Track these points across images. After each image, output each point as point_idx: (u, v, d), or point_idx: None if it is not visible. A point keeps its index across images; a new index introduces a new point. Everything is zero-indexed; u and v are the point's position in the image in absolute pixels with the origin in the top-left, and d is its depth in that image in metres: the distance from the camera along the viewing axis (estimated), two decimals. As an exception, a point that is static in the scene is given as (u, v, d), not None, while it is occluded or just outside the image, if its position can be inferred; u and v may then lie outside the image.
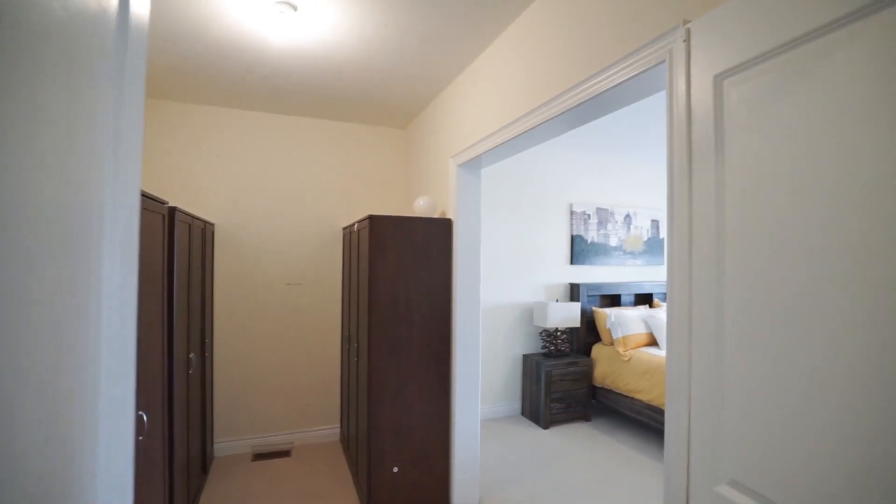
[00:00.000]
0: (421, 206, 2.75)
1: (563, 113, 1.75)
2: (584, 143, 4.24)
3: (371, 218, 2.51)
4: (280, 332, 3.49)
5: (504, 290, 4.25)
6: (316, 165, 3.61)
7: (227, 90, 3.00)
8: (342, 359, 3.57)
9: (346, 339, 3.29)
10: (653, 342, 4.12)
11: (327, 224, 3.64)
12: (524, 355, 4.26)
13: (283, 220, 3.51)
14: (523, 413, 4.26)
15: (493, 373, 4.21)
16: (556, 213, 4.47)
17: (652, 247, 4.95)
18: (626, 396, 3.85)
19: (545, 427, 3.94)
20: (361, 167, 3.76)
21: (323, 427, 3.62)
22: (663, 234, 5.06)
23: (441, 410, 2.67)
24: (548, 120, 1.85)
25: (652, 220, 4.95)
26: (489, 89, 2.32)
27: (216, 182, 3.32)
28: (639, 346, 4.05)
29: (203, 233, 2.81)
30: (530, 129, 1.98)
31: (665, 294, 4.90)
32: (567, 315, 4.08)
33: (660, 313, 4.14)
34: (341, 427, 3.57)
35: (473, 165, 2.64)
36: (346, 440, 3.28)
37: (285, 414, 3.50)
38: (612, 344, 4.15)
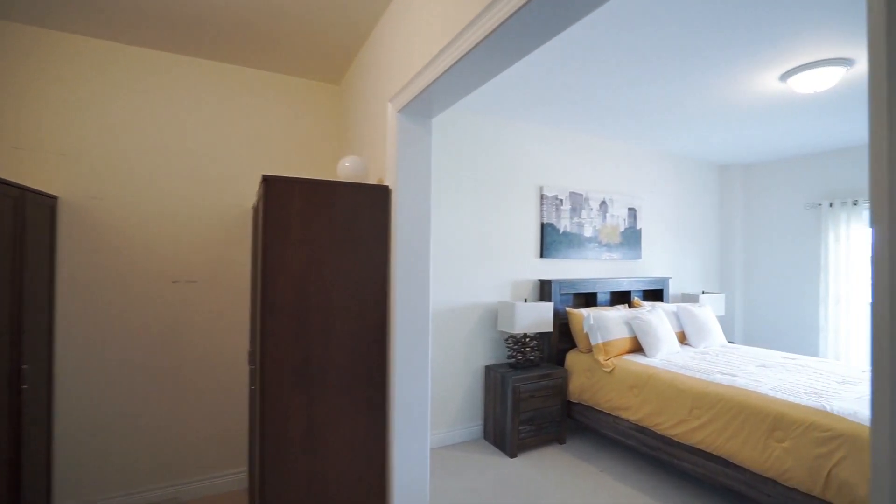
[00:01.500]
0: (347, 169, 1.95)
1: (518, 11, 1.10)
2: (557, 117, 3.58)
3: (266, 181, 1.69)
4: (163, 348, 2.58)
5: (463, 288, 3.51)
6: (223, 125, 2.73)
7: (98, 13, 2.09)
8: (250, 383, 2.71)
9: (251, 358, 2.44)
10: (637, 348, 3.50)
11: (234, 202, 2.76)
12: (487, 367, 3.53)
13: (170, 196, 2.60)
14: (486, 436, 3.54)
15: (449, 390, 3.46)
16: (524, 198, 3.79)
17: (629, 239, 4.38)
18: (609, 415, 3.20)
19: (512, 455, 3.23)
20: (285, 129, 2.91)
21: (226, 473, 2.74)
22: (641, 224, 4.50)
23: (373, 453, 1.89)
24: (501, 24, 1.18)
25: (629, 209, 4.37)
26: (427, 3, 1.57)
27: (67, 138, 2.37)
28: (622, 354, 3.42)
29: (31, 208, 1.89)
30: (484, 40, 1.28)
31: (644, 293, 4.33)
32: (537, 317, 3.39)
33: (645, 314, 3.53)
34: (249, 472, 2.71)
35: (420, 111, 1.87)
36: (252, 491, 2.43)
37: (169, 461, 2.58)
38: (590, 351, 3.51)
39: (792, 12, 2.11)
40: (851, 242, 4.27)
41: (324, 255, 1.77)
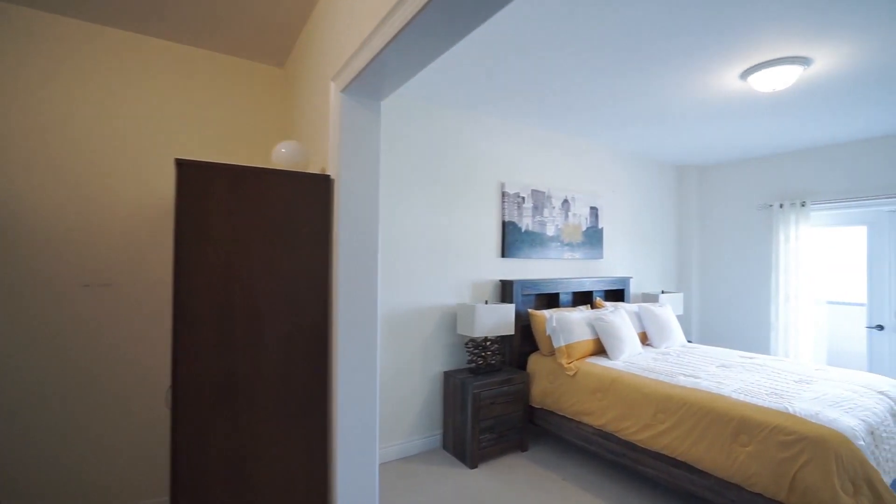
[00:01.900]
0: (283, 156, 1.71)
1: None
2: (518, 111, 3.45)
3: (180, 166, 1.43)
4: (77, 360, 2.23)
5: (420, 290, 3.31)
6: (144, 108, 2.40)
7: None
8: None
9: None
10: (600, 351, 3.42)
11: (159, 192, 2.44)
12: (446, 373, 3.35)
13: (80, 185, 2.25)
14: (445, 446, 3.35)
15: (406, 398, 3.25)
16: (485, 195, 3.63)
17: (591, 238, 4.31)
18: (572, 420, 3.09)
19: (472, 465, 3.05)
20: (221, 114, 2.61)
21: (154, 501, 2.41)
22: (602, 223, 4.45)
23: (313, 480, 1.65)
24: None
25: (591, 208, 4.31)
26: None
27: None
28: (585, 356, 3.32)
29: None
30: (430, 3, 1.08)
31: (605, 293, 4.28)
32: (499, 320, 3.24)
33: (608, 316, 3.45)
34: None
35: (367, 91, 1.66)
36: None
37: (85, 489, 2.23)
38: (552, 354, 3.39)
39: (751, 6, 2.06)
40: (800, 242, 4.38)
41: (253, 255, 1.52)
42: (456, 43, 1.31)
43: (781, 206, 4.52)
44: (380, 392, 3.12)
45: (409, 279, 3.24)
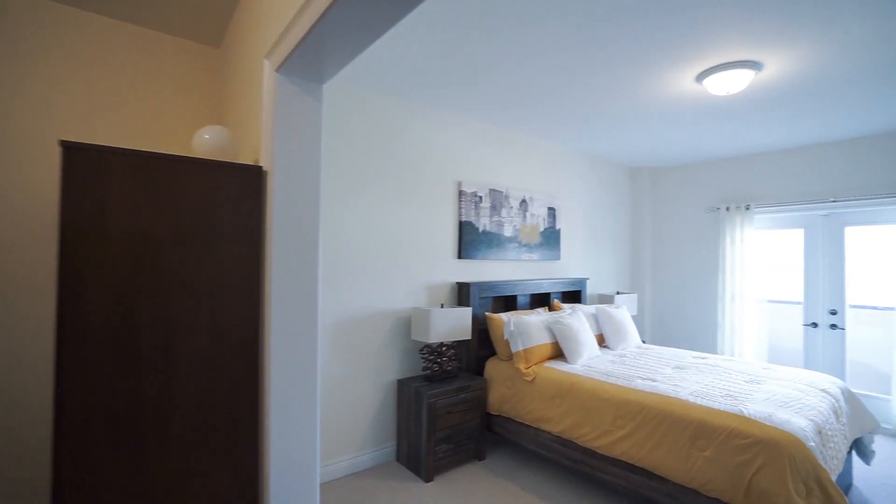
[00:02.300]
0: (207, 143, 1.48)
1: None
2: (476, 106, 3.33)
3: (67, 150, 1.17)
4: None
5: (372, 294, 3.11)
6: (50, 86, 2.07)
7: None
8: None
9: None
10: (558, 354, 3.35)
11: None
12: (399, 381, 3.17)
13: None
14: (399, 458, 3.17)
15: (357, 409, 3.04)
16: (441, 194, 3.48)
17: (548, 239, 4.26)
18: (531, 427, 2.99)
19: (428, 478, 2.89)
20: (145, 98, 2.30)
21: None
22: (560, 224, 4.41)
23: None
24: None
25: (549, 209, 4.26)
26: None
27: None
28: (543, 360, 3.24)
29: None
30: None
31: (562, 294, 4.24)
32: (455, 324, 3.10)
33: (566, 318, 3.39)
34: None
35: (306, 71, 1.46)
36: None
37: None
38: (510, 359, 3.29)
39: (706, 8, 2.04)
40: (745, 244, 4.54)
41: (164, 257, 1.29)
42: (404, 15, 1.14)
43: (728, 209, 4.67)
44: (328, 404, 2.90)
45: (360, 282, 3.04)
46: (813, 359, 4.28)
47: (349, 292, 2.99)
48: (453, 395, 3.01)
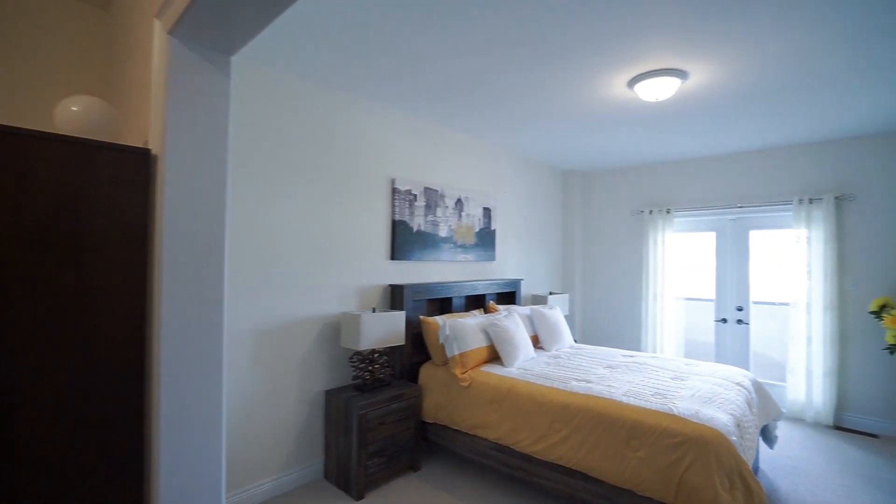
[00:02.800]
0: (75, 116, 1.19)
1: None
2: (410, 100, 3.17)
3: None
4: None
5: (297, 298, 2.84)
6: None
7: None
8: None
9: None
10: (494, 357, 3.28)
11: None
12: (327, 392, 2.93)
13: None
14: (328, 476, 2.93)
15: (280, 425, 2.76)
16: (373, 191, 3.28)
17: (484, 239, 4.21)
18: (467, 434, 2.89)
19: (358, 496, 2.68)
20: (13, 66, 1.88)
21: None
22: (495, 224, 4.38)
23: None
24: None
25: (484, 209, 4.21)
26: None
27: None
28: (479, 365, 3.15)
29: None
30: None
31: (498, 295, 4.20)
32: (388, 329, 2.92)
33: (502, 321, 3.34)
34: None
35: (208, 38, 1.22)
36: None
37: None
38: (445, 364, 3.17)
39: (634, 15, 2.06)
40: (666, 246, 4.80)
41: (9, 263, 0.99)
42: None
43: (651, 212, 4.91)
44: (247, 422, 2.59)
45: (284, 285, 2.76)
46: (723, 352, 4.62)
47: (272, 297, 2.70)
48: (386, 405, 2.83)
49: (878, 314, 3.57)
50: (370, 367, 2.94)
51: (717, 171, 4.63)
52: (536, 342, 3.78)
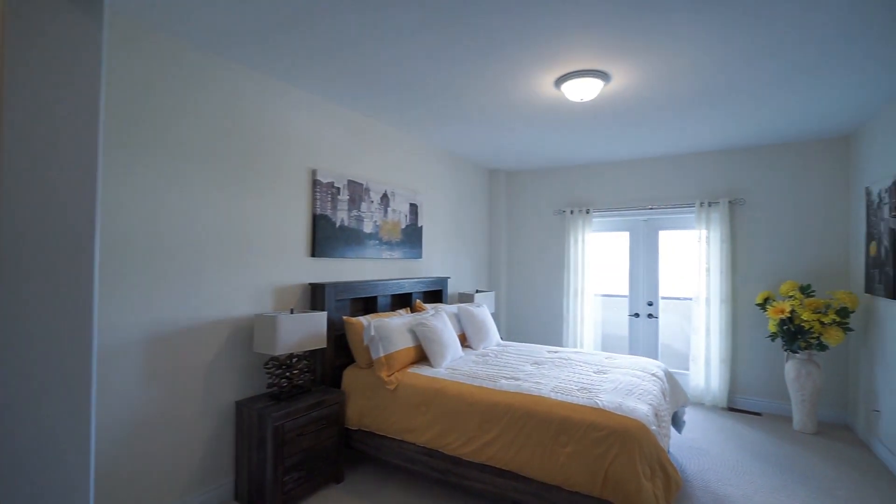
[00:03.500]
0: None
1: None
2: (335, 88, 2.96)
3: None
4: None
5: (202, 299, 2.51)
6: None
7: None
8: None
9: None
10: (422, 358, 3.17)
11: None
12: (238, 403, 2.63)
13: None
14: (238, 496, 2.63)
15: (181, 443, 2.42)
16: (292, 182, 3.02)
17: (410, 236, 4.09)
18: (394, 439, 2.75)
19: (274, 516, 2.44)
20: None
21: None
22: (422, 221, 4.28)
23: None
24: None
25: (411, 205, 4.08)
26: None
27: None
28: (406, 366, 3.02)
29: None
30: None
31: (424, 294, 4.11)
32: (308, 332, 2.70)
33: (429, 320, 3.23)
34: None
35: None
36: None
37: None
38: (370, 366, 3.00)
39: (557, 13, 2.07)
40: (586, 245, 5.01)
41: None
42: None
43: (572, 212, 5.10)
44: (139, 443, 2.23)
45: (185, 286, 2.42)
46: (635, 345, 4.92)
47: (172, 299, 2.36)
48: (305, 414, 2.60)
49: (762, 306, 3.99)
50: (288, 374, 2.69)
51: (633, 175, 4.92)
52: (464, 341, 3.74)
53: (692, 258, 4.53)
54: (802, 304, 3.64)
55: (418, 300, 3.91)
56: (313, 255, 3.13)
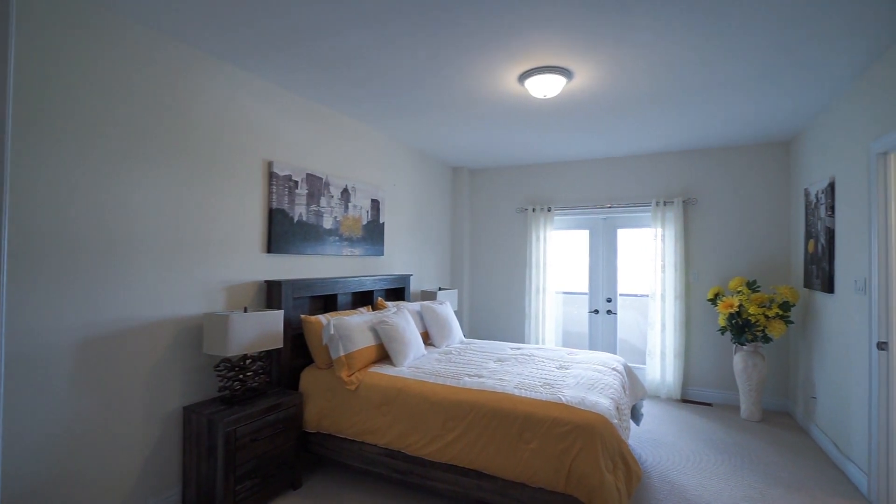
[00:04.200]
0: None
1: None
2: (293, 76, 2.82)
3: None
4: None
5: (146, 297, 2.32)
6: None
7: None
8: None
9: None
10: (384, 357, 3.09)
11: None
12: (186, 409, 2.46)
13: None
14: (184, 509, 2.46)
15: (121, 455, 2.23)
16: (246, 173, 2.85)
17: (372, 233, 3.98)
18: (355, 441, 2.66)
19: (225, 528, 2.29)
20: None
21: None
22: (384, 217, 4.18)
23: None
24: None
25: (372, 200, 3.98)
26: None
27: None
28: (367, 366, 2.93)
29: None
30: None
31: (386, 291, 4.02)
32: (263, 331, 2.56)
33: (391, 318, 3.15)
34: None
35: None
36: None
37: None
38: (330, 366, 2.89)
39: (520, 8, 2.06)
40: (547, 243, 5.07)
41: None
42: None
43: (534, 210, 5.15)
44: (70, 457, 2.03)
45: (126, 283, 2.23)
46: (595, 340, 5.02)
47: (108, 298, 2.16)
48: (260, 418, 2.46)
49: (713, 301, 4.17)
50: (241, 376, 2.54)
51: (593, 173, 5.02)
52: (427, 339, 3.68)
53: (648, 256, 4.67)
54: (749, 299, 3.82)
55: (380, 298, 3.82)
56: (269, 251, 2.98)
